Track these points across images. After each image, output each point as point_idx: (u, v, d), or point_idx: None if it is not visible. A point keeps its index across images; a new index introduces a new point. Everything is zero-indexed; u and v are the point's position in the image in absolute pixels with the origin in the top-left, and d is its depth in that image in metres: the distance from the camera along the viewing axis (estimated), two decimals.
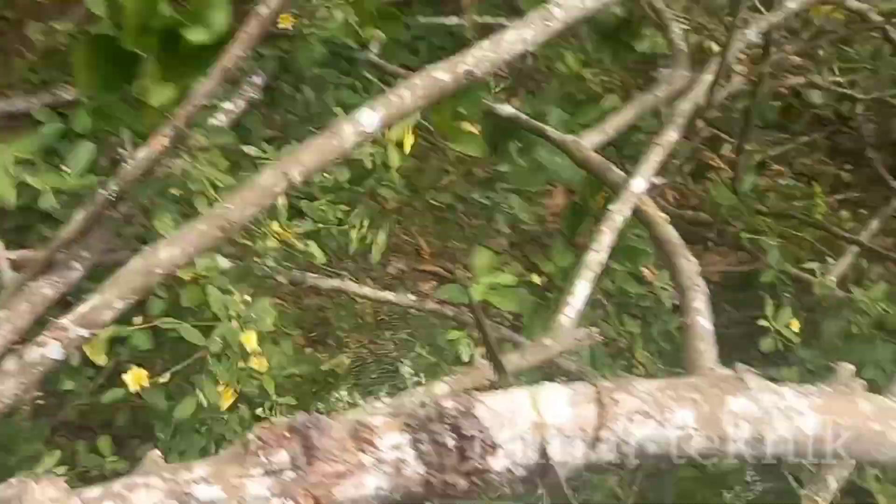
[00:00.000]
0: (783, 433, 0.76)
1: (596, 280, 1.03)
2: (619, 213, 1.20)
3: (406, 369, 1.46)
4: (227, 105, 1.29)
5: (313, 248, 1.18)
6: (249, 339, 1.00)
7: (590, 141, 1.46)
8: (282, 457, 0.62)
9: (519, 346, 0.93)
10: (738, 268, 2.68)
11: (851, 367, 0.86)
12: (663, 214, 1.23)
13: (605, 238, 1.13)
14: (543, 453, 0.66)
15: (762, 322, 1.91)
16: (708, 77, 1.69)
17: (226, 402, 1.01)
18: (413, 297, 1.41)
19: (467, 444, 0.64)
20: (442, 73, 1.01)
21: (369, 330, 2.11)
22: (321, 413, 0.73)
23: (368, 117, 0.98)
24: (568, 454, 0.70)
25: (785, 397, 0.78)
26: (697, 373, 0.82)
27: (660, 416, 0.73)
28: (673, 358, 2.41)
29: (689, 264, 1.08)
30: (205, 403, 0.96)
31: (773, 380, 0.81)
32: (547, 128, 1.53)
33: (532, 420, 0.67)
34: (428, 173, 1.57)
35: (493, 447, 0.65)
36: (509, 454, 0.66)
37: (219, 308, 1.02)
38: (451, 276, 2.69)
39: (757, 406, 0.76)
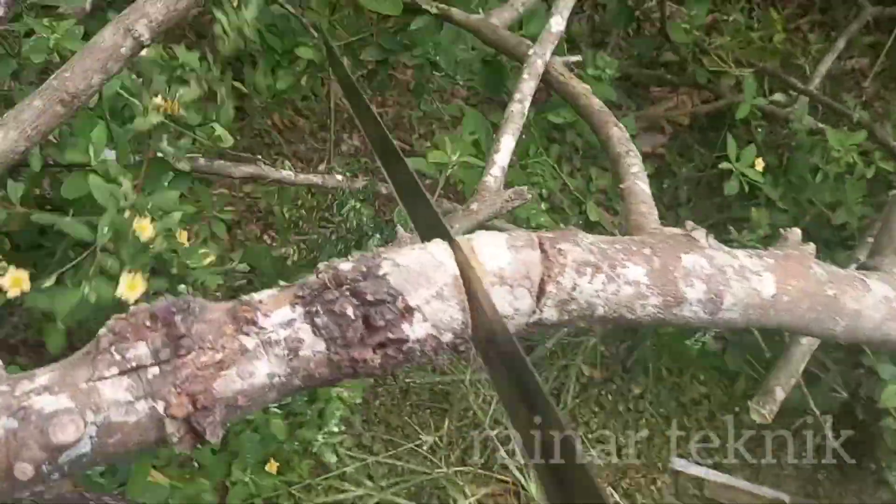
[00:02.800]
0: (740, 294, 0.67)
1: (519, 131, 0.91)
2: (539, 56, 1.06)
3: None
4: None
5: (220, 131, 1.01)
6: (144, 228, 0.85)
7: (500, 18, 1.29)
8: (141, 350, 0.50)
9: (447, 215, 0.80)
10: (705, 108, 2.56)
11: (799, 231, 0.78)
12: (585, 86, 1.09)
13: (527, 85, 1.00)
14: (468, 311, 0.54)
15: (725, 164, 1.80)
16: None
17: (134, 294, 0.87)
18: (340, 177, 1.25)
19: (373, 310, 0.52)
20: None
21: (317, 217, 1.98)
22: None
23: None
24: (512, 307, 0.58)
25: (738, 257, 0.69)
26: (644, 234, 0.72)
27: (610, 271, 0.61)
28: None
29: (620, 132, 0.99)
30: (92, 299, 0.83)
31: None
32: (452, 10, 1.34)
33: (453, 274, 0.54)
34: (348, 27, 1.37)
35: (408, 311, 0.53)
36: (430, 317, 0.54)
37: (104, 198, 0.87)
38: (409, 148, 2.54)
39: (710, 264, 0.67)
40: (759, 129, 2.24)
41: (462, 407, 2.03)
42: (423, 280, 0.54)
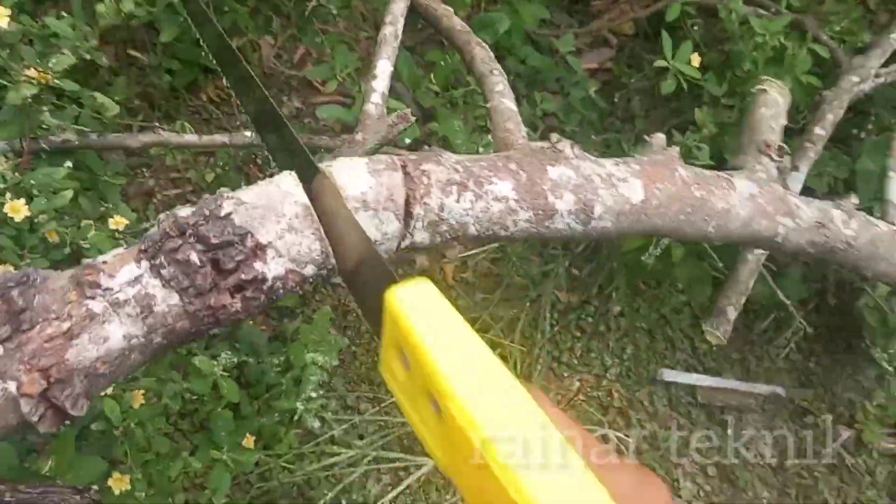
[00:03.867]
0: (609, 202, 0.66)
1: (396, 53, 0.87)
2: None
3: None
4: None
5: (103, 99, 0.97)
6: (17, 209, 0.82)
7: None
8: None
9: (333, 151, 0.77)
10: (646, 12, 2.50)
11: (663, 136, 0.77)
12: (446, 6, 1.05)
13: (397, 6, 0.96)
14: (324, 239, 0.51)
15: (660, 62, 1.76)
16: None
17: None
18: (249, 134, 1.20)
19: (221, 253, 0.49)
20: None
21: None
22: None
23: None
24: (379, 231, 0.56)
25: (605, 166, 0.69)
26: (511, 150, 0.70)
27: (477, 188, 0.59)
28: (598, 127, 2.30)
29: (483, 51, 0.96)
30: None
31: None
32: None
33: (302, 203, 0.52)
34: None
35: (260, 249, 0.51)
36: (285, 251, 0.51)
37: None
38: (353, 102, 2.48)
39: (577, 174, 0.66)
40: (695, 27, 2.20)
41: None
42: (270, 214, 0.51)
